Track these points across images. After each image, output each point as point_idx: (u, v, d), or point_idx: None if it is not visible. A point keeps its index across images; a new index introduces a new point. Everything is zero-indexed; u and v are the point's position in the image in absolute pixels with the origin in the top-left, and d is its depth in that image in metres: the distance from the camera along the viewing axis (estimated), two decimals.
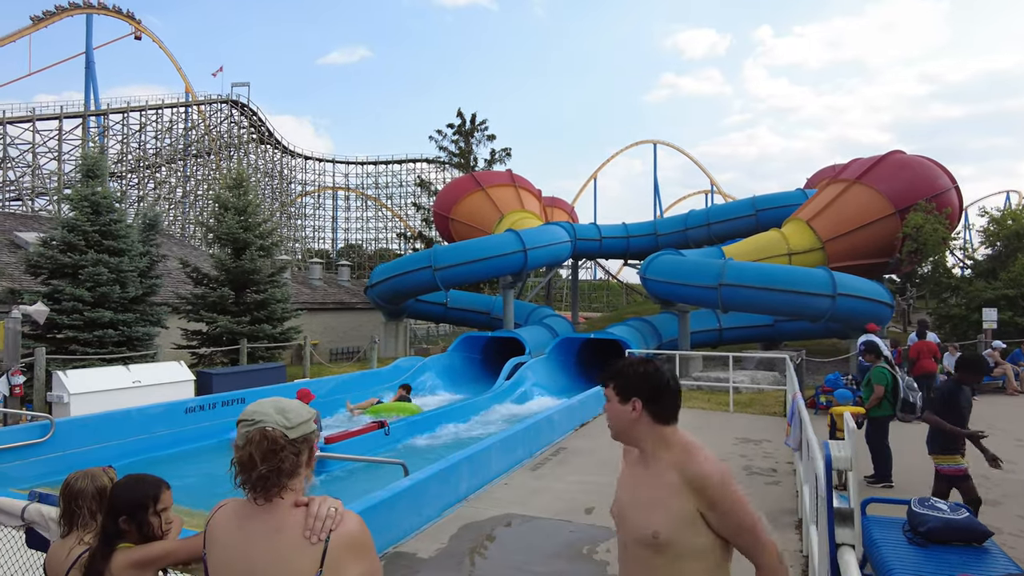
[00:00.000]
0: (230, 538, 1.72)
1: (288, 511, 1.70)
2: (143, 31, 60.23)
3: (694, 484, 1.89)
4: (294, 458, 1.73)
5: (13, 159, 49.53)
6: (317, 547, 1.64)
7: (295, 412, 1.78)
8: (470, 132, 38.34)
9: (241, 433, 1.75)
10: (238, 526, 1.72)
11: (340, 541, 1.67)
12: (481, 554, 5.53)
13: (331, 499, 1.79)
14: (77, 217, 14.47)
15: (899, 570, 4.05)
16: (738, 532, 1.88)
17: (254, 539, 1.68)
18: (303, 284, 30.39)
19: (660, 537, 1.89)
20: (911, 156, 21.17)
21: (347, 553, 1.68)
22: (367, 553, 1.74)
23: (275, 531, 1.68)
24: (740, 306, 18.01)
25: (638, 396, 2.01)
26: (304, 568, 1.63)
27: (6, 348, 10.24)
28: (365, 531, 1.75)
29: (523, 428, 8.74)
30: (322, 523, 1.68)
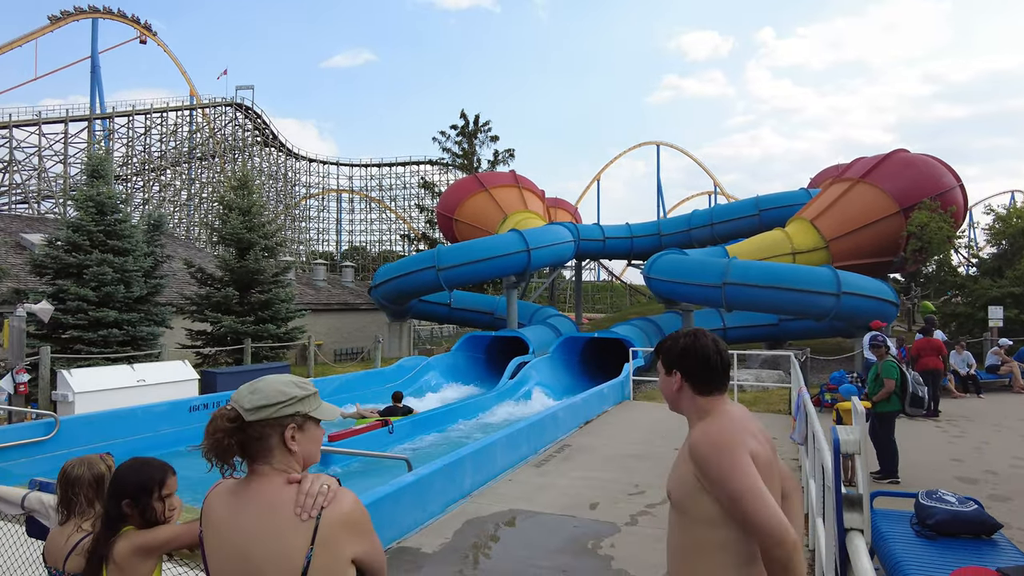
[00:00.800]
0: (224, 516, 1.71)
1: (281, 488, 1.68)
2: (148, 35, 60.47)
3: (691, 444, 1.97)
4: (252, 441, 1.70)
5: (19, 162, 49.76)
6: (308, 524, 1.62)
7: (263, 396, 1.73)
8: (473, 133, 38.37)
9: None
10: (232, 504, 1.71)
11: (333, 519, 1.64)
12: (485, 549, 5.50)
13: (326, 476, 1.77)
14: (82, 217, 14.51)
15: (907, 562, 4.02)
16: (730, 506, 1.84)
17: (247, 516, 1.67)
18: (307, 285, 30.43)
19: (672, 496, 2.01)
20: (915, 155, 21.10)
21: (341, 531, 1.65)
22: (364, 532, 1.71)
23: (268, 508, 1.66)
24: (744, 305, 17.96)
25: (678, 368, 2.08)
26: (296, 545, 1.61)
27: (11, 346, 10.26)
28: (361, 510, 1.72)
29: (527, 425, 8.71)
30: (313, 500, 1.65)
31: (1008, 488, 7.17)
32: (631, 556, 5.24)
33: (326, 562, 1.63)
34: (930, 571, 3.85)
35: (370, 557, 1.74)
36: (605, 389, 12.53)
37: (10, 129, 48.83)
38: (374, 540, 1.76)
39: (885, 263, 20.52)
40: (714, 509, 1.89)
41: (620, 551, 5.35)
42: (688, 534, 1.94)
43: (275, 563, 1.62)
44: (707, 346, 2.07)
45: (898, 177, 20.00)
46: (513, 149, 38.33)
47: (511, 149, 38.40)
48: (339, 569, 1.66)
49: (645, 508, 6.47)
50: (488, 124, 38.51)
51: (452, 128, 38.57)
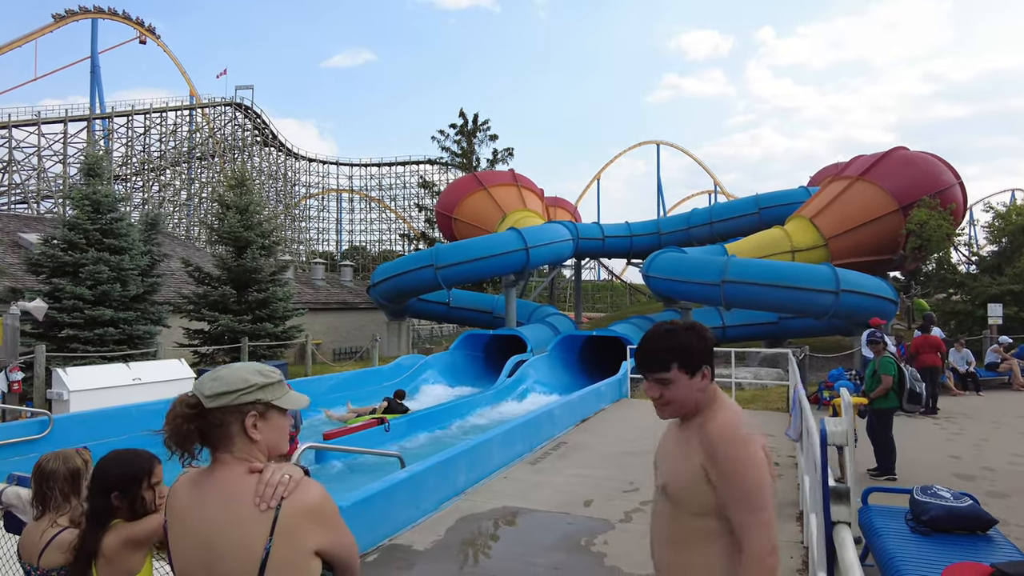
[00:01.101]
0: (187, 505, 1.68)
1: (242, 477, 1.64)
2: (149, 36, 60.47)
3: (705, 435, 1.87)
4: (213, 428, 1.66)
5: (19, 162, 49.76)
6: (267, 515, 1.58)
7: (225, 383, 1.68)
8: (472, 132, 38.32)
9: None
10: (195, 493, 1.68)
11: (293, 510, 1.60)
12: (478, 546, 5.46)
13: (290, 466, 1.73)
14: (78, 216, 14.48)
15: (901, 559, 3.97)
16: (733, 502, 1.77)
17: (209, 506, 1.64)
18: (306, 284, 30.41)
19: (670, 489, 1.93)
20: (915, 152, 21.04)
21: (302, 522, 1.61)
22: (329, 524, 1.67)
23: (228, 498, 1.62)
24: (743, 303, 17.91)
25: (706, 363, 1.98)
26: (255, 535, 1.58)
27: (4, 345, 10.22)
28: (326, 501, 1.68)
29: (523, 422, 8.68)
30: (272, 490, 1.61)
31: (1006, 485, 7.12)
32: (624, 553, 5.20)
33: (286, 554, 1.58)
34: (924, 567, 3.80)
35: (337, 550, 1.70)
36: (602, 387, 12.49)
37: (9, 129, 48.82)
38: (341, 532, 1.71)
39: (884, 261, 20.46)
40: (712, 501, 1.84)
41: (613, 548, 5.32)
42: (682, 524, 1.90)
43: (235, 553, 1.59)
44: (708, 329, 2.03)
45: (897, 175, 19.94)
46: (512, 148, 38.31)
47: (510, 148, 38.38)
48: (300, 561, 1.61)
49: (639, 505, 6.42)
50: (487, 123, 38.49)
51: (451, 127, 38.54)
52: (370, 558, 5.16)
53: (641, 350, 1.99)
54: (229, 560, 1.59)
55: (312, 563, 1.64)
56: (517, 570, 4.94)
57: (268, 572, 1.57)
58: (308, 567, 1.63)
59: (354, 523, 5.21)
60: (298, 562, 1.61)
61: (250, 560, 1.57)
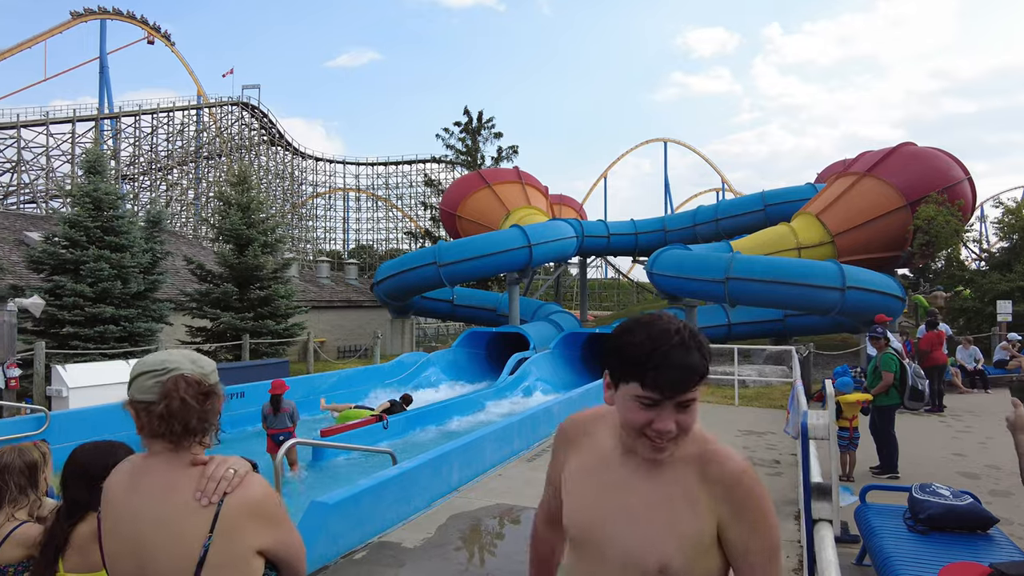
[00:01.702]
0: (122, 497, 1.58)
1: (184, 469, 1.56)
2: (156, 36, 60.76)
3: (720, 475, 1.37)
4: (211, 412, 1.61)
5: (27, 162, 50.07)
6: (208, 510, 1.50)
7: (205, 361, 1.68)
8: (477, 130, 38.20)
9: (149, 384, 1.60)
10: (131, 484, 1.59)
11: (237, 506, 1.51)
12: (468, 544, 5.38)
13: (236, 459, 1.64)
14: (79, 213, 14.48)
15: (897, 558, 3.85)
16: (761, 560, 1.34)
17: (144, 498, 1.54)
18: (311, 282, 30.42)
19: (673, 564, 1.33)
20: (922, 148, 20.77)
21: (246, 521, 1.52)
22: (273, 523, 1.58)
23: (167, 490, 1.53)
24: (748, 300, 17.74)
25: None
26: (192, 532, 1.49)
27: (1, 341, 10.23)
28: (271, 498, 1.59)
29: (519, 420, 8.58)
30: (215, 484, 1.53)
31: (1010, 483, 6.97)
32: None
33: (226, 553, 1.50)
34: (921, 567, 3.68)
35: (281, 549, 1.61)
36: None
37: (18, 129, 49.14)
38: (286, 531, 1.63)
39: (892, 258, 20.21)
40: (717, 567, 1.38)
41: None
42: None
43: (171, 550, 1.50)
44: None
45: (905, 170, 19.70)
46: (516, 146, 38.14)
47: (515, 146, 38.22)
48: (241, 561, 1.52)
49: None
50: (492, 121, 38.34)
51: (456, 125, 38.39)
52: (358, 555, 5.08)
53: (679, 362, 1.30)
54: (163, 557, 1.50)
55: (254, 563, 1.56)
56: (507, 568, 4.85)
57: (205, 572, 1.49)
58: (249, 567, 1.55)
59: (342, 520, 5.18)
60: (238, 562, 1.52)
61: (186, 558, 1.48)
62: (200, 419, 1.57)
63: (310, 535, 4.82)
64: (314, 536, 4.83)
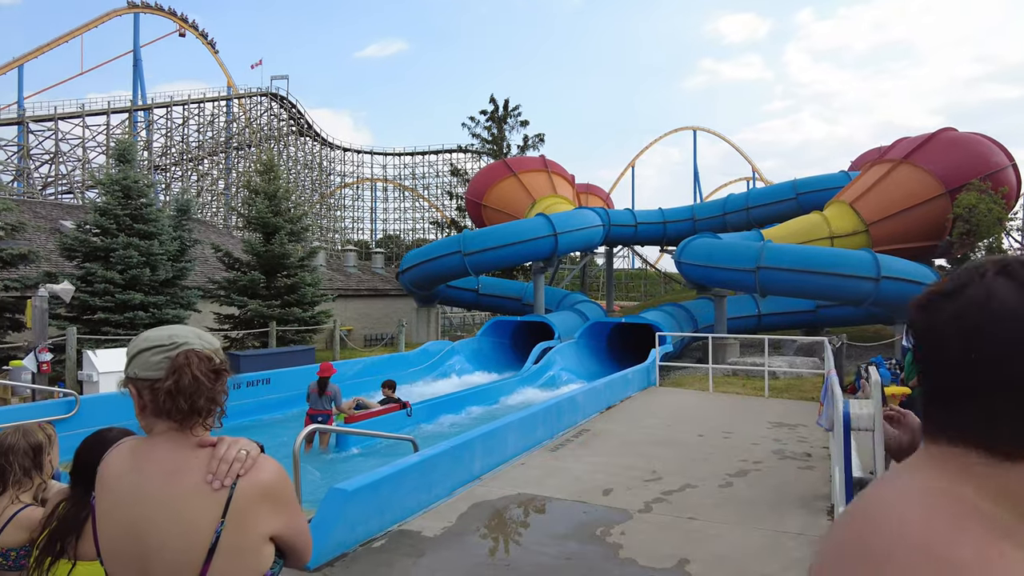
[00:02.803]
0: (122, 480, 1.47)
1: (191, 451, 1.45)
2: (187, 28, 61.58)
3: None
4: (222, 388, 1.50)
5: (64, 154, 51.22)
6: (220, 494, 1.39)
7: (210, 337, 1.57)
8: (503, 118, 37.91)
9: (155, 360, 1.48)
10: (133, 467, 1.47)
11: (249, 490, 1.41)
12: (488, 534, 5.27)
13: (245, 440, 1.53)
14: (108, 201, 14.69)
15: None
16: None
17: (149, 481, 1.43)
18: (338, 271, 30.62)
19: None
20: (964, 133, 20.06)
21: (259, 505, 1.42)
22: (285, 507, 1.48)
23: (173, 473, 1.42)
24: (779, 290, 17.35)
25: None
26: (202, 517, 1.39)
27: (33, 326, 10.41)
28: (283, 481, 1.50)
29: (543, 409, 8.46)
30: (228, 466, 1.42)
31: None
32: (640, 544, 4.95)
33: (239, 539, 1.40)
34: None
35: (290, 534, 1.51)
36: (629, 374, 12.19)
37: (55, 122, 50.26)
38: (296, 515, 1.52)
39: (929, 247, 19.60)
40: None
41: (630, 539, 5.07)
42: None
43: (178, 536, 1.39)
44: None
45: (944, 157, 19.03)
46: (543, 134, 37.74)
47: (541, 134, 37.85)
48: (254, 547, 1.43)
49: (661, 495, 6.16)
50: (518, 109, 38.00)
51: (481, 113, 38.13)
52: (377, 543, 5.02)
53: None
54: (171, 543, 1.39)
55: (265, 549, 1.46)
56: (527, 559, 4.74)
57: (217, 559, 1.38)
58: (260, 553, 1.45)
59: (361, 507, 5.11)
60: (251, 548, 1.42)
61: (197, 545, 1.38)
62: (208, 399, 1.46)
63: (329, 522, 4.76)
64: (333, 523, 4.77)
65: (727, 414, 10.45)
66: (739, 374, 14.85)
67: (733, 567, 4.56)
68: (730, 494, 6.23)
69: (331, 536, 4.73)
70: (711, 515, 5.62)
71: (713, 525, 5.38)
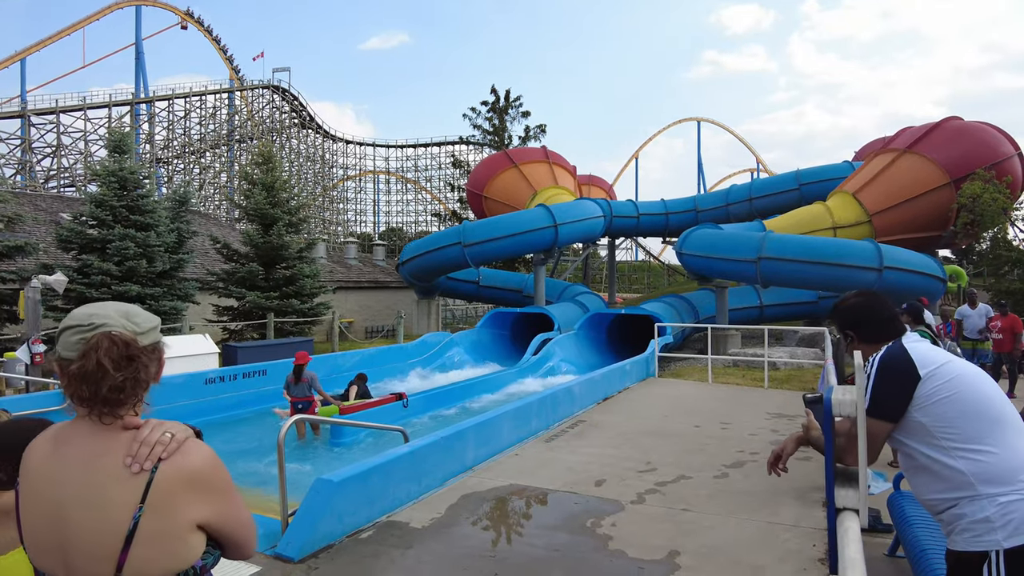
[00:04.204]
0: (43, 464, 1.41)
1: (115, 434, 1.38)
2: (188, 20, 61.41)
3: None
4: (144, 369, 1.42)
5: (66, 147, 51.22)
6: (139, 478, 1.33)
7: (143, 316, 1.49)
8: (504, 109, 37.71)
9: (73, 341, 1.40)
10: (54, 451, 1.41)
11: (172, 474, 1.34)
12: (477, 525, 5.20)
13: (173, 424, 1.45)
14: (104, 192, 14.62)
15: (933, 551, 3.54)
16: None
17: (68, 466, 1.37)
18: (338, 263, 30.57)
19: None
20: (969, 122, 19.83)
21: (183, 491, 1.35)
22: (214, 492, 1.41)
23: (93, 457, 1.36)
24: (780, 280, 17.22)
25: None
26: (120, 502, 1.32)
27: (27, 317, 10.37)
28: (213, 467, 1.42)
29: (538, 399, 8.37)
30: (149, 449, 1.35)
31: None
32: (631, 535, 4.87)
33: (159, 525, 1.33)
34: None
35: (222, 523, 1.43)
36: (627, 365, 12.09)
37: (57, 115, 50.24)
38: (229, 503, 1.44)
39: (933, 238, 19.41)
40: None
41: (620, 530, 4.99)
42: None
43: (95, 522, 1.33)
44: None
45: (949, 146, 18.81)
46: (544, 125, 37.56)
47: (542, 125, 37.66)
48: (177, 534, 1.35)
49: (654, 486, 6.08)
50: (519, 99, 37.80)
51: (483, 104, 37.94)
52: (365, 535, 4.95)
53: None
54: (87, 529, 1.33)
55: (191, 538, 1.38)
56: (515, 550, 4.67)
57: (135, 547, 1.31)
58: (186, 542, 1.37)
59: (349, 498, 5.03)
60: (172, 536, 1.35)
61: (114, 530, 1.31)
62: (114, 387, 1.36)
63: (315, 512, 4.69)
64: (319, 513, 4.70)
65: (726, 405, 10.35)
66: (740, 365, 14.75)
67: (725, 558, 4.47)
68: (725, 485, 6.14)
69: (317, 527, 4.66)
70: (705, 506, 5.53)
71: (706, 516, 5.29)
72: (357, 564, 4.43)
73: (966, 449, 1.94)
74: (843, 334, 2.41)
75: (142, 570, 1.33)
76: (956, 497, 1.94)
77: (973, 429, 1.94)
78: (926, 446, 2.00)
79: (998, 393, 2.05)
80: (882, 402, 2.07)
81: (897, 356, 2.10)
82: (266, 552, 4.55)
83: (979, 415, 1.96)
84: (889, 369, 2.09)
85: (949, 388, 2.00)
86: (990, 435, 1.93)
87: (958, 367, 2.07)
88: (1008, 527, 1.84)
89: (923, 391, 2.01)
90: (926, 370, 2.04)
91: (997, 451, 1.91)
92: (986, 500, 1.88)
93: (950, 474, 1.95)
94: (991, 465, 1.90)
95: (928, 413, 2.00)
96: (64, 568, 1.36)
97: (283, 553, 4.48)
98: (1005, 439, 1.93)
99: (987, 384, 2.06)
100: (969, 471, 1.91)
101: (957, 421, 1.96)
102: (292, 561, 4.42)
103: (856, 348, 2.33)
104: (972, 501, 1.90)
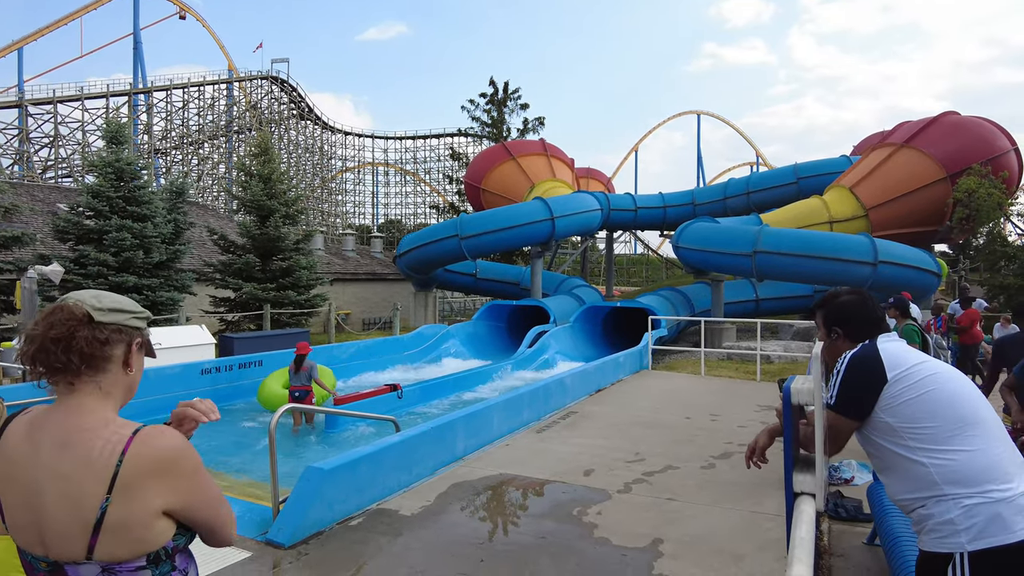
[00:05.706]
0: (19, 446, 1.45)
1: (83, 421, 1.42)
2: (187, 10, 61.15)
3: None
4: (98, 345, 1.44)
5: (64, 137, 51.09)
6: (106, 469, 1.36)
7: (110, 298, 1.52)
8: (503, 101, 37.63)
9: None
10: (28, 435, 1.45)
11: (138, 462, 1.37)
12: (465, 513, 5.28)
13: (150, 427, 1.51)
14: (101, 183, 14.63)
15: (907, 539, 3.62)
16: None
17: (41, 452, 1.41)
18: (336, 255, 30.60)
19: None
20: (966, 117, 19.82)
21: (148, 478, 1.38)
22: (182, 479, 1.43)
23: (63, 446, 1.40)
24: (775, 274, 17.28)
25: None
26: (88, 493, 1.36)
27: (23, 307, 10.42)
28: (178, 452, 1.44)
29: (529, 391, 8.45)
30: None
31: None
32: (616, 524, 4.95)
33: (125, 514, 1.36)
34: None
35: (191, 509, 1.47)
36: (621, 358, 12.17)
37: (55, 105, 50.08)
38: (199, 489, 1.48)
39: (929, 233, 19.46)
40: None
41: (606, 519, 5.07)
42: None
43: (65, 512, 1.37)
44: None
45: (946, 141, 18.83)
46: (543, 117, 37.49)
47: (541, 117, 37.58)
48: (143, 522, 1.39)
49: (642, 476, 6.16)
50: (518, 91, 37.68)
51: (481, 96, 37.85)
52: (354, 522, 5.03)
53: None
54: (59, 517, 1.37)
55: (159, 524, 1.42)
56: (502, 538, 4.75)
57: (104, 534, 1.36)
58: (154, 529, 1.41)
59: (339, 486, 5.11)
60: (140, 523, 1.39)
61: (82, 520, 1.36)
62: (62, 348, 1.40)
63: (305, 500, 4.77)
64: (309, 501, 4.78)
65: (717, 397, 10.43)
66: (733, 358, 14.83)
67: (707, 547, 4.55)
68: (711, 475, 6.23)
69: (307, 514, 4.74)
70: (691, 496, 5.61)
71: (691, 506, 5.37)
72: (346, 550, 4.51)
73: (933, 450, 1.94)
74: (828, 328, 2.39)
75: (112, 553, 1.37)
76: (923, 497, 1.96)
77: (942, 430, 1.95)
78: (894, 445, 2.02)
79: (973, 394, 2.04)
80: (847, 400, 2.10)
81: (867, 356, 2.12)
82: (257, 538, 4.63)
83: (948, 416, 1.96)
84: (858, 368, 2.11)
85: (918, 388, 2.01)
86: (960, 436, 1.93)
87: (931, 367, 2.07)
88: (972, 530, 1.84)
89: (890, 392, 2.03)
90: (895, 372, 2.05)
91: (965, 452, 1.91)
92: (951, 501, 1.89)
93: (917, 474, 1.96)
94: (959, 466, 1.90)
95: (895, 414, 2.01)
96: (42, 546, 1.41)
97: (274, 539, 4.56)
98: (975, 440, 1.93)
99: (961, 384, 2.05)
100: (936, 471, 1.92)
101: (925, 422, 1.97)
102: (283, 547, 4.50)
103: (840, 344, 2.32)
104: (939, 502, 1.91)
